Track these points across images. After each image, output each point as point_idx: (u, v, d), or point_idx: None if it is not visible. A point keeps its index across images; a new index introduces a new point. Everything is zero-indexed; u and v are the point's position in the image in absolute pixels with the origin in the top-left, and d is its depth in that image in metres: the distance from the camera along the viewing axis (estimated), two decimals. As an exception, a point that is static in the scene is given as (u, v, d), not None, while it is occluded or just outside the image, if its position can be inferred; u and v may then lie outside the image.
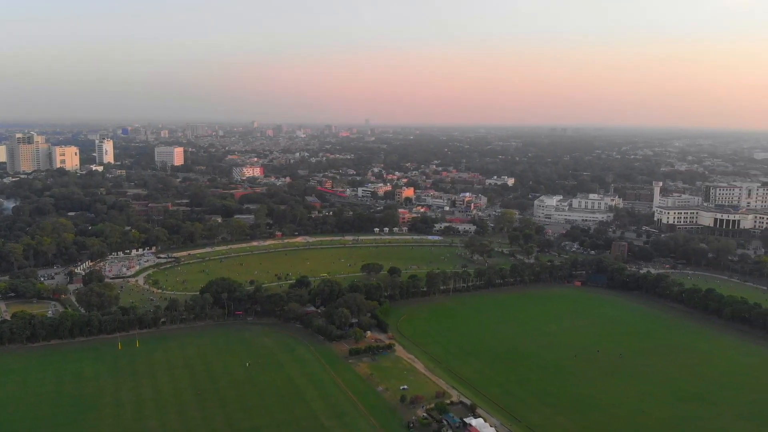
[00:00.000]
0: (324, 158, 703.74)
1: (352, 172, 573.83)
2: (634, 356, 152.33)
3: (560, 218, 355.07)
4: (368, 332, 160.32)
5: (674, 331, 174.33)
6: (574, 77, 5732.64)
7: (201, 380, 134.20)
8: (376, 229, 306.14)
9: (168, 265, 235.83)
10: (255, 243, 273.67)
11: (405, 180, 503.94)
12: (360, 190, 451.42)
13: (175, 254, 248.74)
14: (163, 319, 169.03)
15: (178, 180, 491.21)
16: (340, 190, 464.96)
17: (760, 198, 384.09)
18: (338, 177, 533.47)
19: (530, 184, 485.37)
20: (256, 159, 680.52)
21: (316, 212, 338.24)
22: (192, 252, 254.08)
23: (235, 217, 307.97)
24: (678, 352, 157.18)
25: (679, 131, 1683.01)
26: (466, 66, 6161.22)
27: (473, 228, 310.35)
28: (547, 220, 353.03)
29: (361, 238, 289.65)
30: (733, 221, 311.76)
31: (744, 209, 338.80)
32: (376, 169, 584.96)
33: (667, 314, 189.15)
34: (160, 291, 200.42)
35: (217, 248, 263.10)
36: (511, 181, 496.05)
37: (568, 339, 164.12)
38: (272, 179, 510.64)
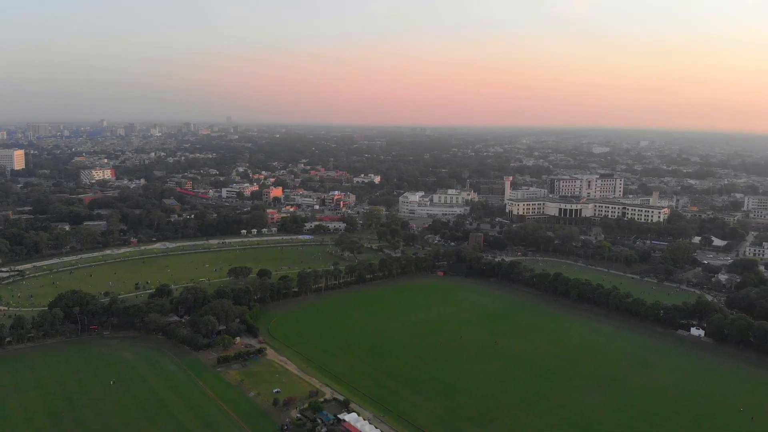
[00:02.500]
0: (183, 158, 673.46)
1: (214, 172, 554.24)
2: (494, 339, 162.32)
3: (423, 213, 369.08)
4: (237, 338, 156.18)
5: (528, 314, 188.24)
6: (430, 79, 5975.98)
7: (55, 402, 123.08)
8: (244, 231, 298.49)
9: (11, 280, 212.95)
10: (108, 251, 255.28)
11: (273, 179, 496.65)
12: (224, 190, 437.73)
13: (18, 267, 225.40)
14: (8, 339, 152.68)
15: (19, 185, 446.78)
16: (202, 191, 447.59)
17: (599, 188, 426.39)
18: (199, 177, 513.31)
19: (395, 182, 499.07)
20: (106, 160, 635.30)
21: (176, 216, 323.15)
22: (38, 264, 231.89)
23: (85, 224, 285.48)
24: (533, 332, 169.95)
25: (527, 129, 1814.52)
26: (330, 65, 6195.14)
27: (343, 225, 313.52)
28: (411, 215, 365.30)
29: (227, 241, 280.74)
30: (576, 210, 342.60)
31: (585, 199, 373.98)
32: (241, 169, 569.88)
33: (521, 298, 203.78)
34: (3, 308, 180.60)
35: (66, 258, 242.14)
36: (377, 179, 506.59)
37: (434, 327, 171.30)
38: (125, 182, 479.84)
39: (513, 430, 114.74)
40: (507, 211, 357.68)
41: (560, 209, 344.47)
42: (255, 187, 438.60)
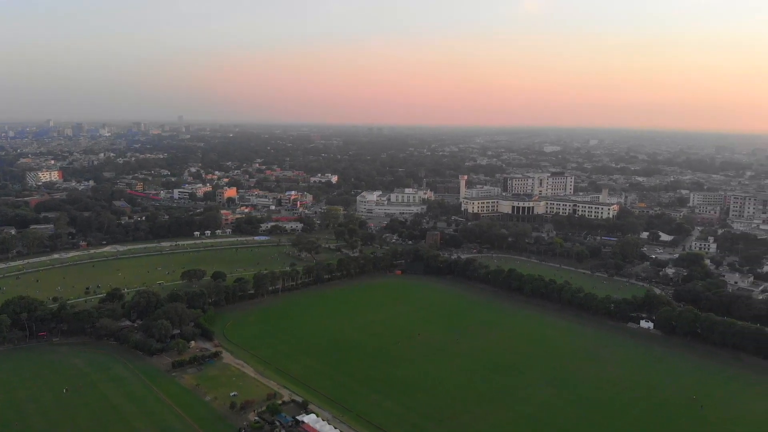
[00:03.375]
0: (133, 158, 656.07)
1: (166, 172, 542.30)
2: (451, 335, 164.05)
3: (381, 212, 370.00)
4: (192, 342, 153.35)
5: (484, 310, 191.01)
6: (387, 79, 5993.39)
7: (4, 412, 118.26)
8: (197, 233, 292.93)
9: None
10: (56, 255, 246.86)
11: (226, 179, 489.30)
12: (176, 191, 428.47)
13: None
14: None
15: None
16: (153, 192, 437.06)
17: (550, 186, 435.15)
18: (150, 178, 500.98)
19: (352, 181, 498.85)
20: (53, 161, 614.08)
21: (127, 218, 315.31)
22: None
23: (32, 227, 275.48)
24: (489, 328, 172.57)
25: (481, 129, 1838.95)
26: (284, 65, 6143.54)
27: (300, 226, 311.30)
28: (369, 214, 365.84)
29: (180, 243, 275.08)
30: (528, 208, 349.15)
31: (536, 197, 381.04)
32: (193, 169, 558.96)
33: (477, 294, 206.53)
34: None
35: (12, 263, 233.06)
36: (334, 179, 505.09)
37: (392, 325, 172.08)
38: (73, 183, 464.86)
39: (471, 426, 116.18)
40: (462, 209, 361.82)
41: (513, 207, 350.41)
42: (208, 188, 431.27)
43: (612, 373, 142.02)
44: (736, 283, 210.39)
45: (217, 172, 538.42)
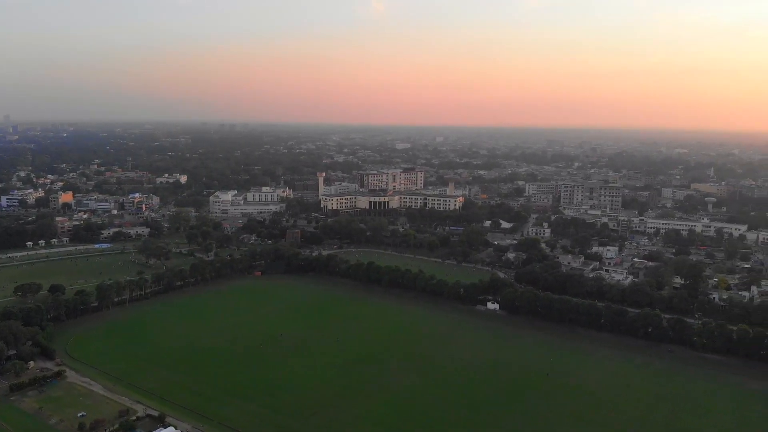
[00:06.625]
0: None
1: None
2: (314, 332, 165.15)
3: (237, 212, 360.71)
4: (31, 362, 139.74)
5: (346, 303, 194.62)
6: (240, 76, 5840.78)
7: None
8: (30, 243, 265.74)
9: None
10: None
11: (61, 183, 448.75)
12: (4, 198, 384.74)
13: None
14: None
15: None
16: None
17: (403, 181, 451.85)
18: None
19: (204, 181, 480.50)
20: None
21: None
22: None
23: None
24: (350, 321, 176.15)
25: (336, 127, 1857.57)
26: (124, 60, 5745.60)
27: (147, 230, 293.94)
28: (224, 215, 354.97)
29: (11, 255, 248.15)
30: (384, 202, 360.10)
31: (391, 192, 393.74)
32: (23, 173, 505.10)
33: (339, 289, 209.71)
34: None
35: None
36: (183, 179, 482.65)
37: (254, 328, 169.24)
38: None
39: (335, 419, 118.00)
40: (322, 206, 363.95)
41: (370, 202, 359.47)
42: (41, 193, 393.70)
43: (466, 353, 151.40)
44: (569, 263, 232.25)
45: (50, 176, 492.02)
